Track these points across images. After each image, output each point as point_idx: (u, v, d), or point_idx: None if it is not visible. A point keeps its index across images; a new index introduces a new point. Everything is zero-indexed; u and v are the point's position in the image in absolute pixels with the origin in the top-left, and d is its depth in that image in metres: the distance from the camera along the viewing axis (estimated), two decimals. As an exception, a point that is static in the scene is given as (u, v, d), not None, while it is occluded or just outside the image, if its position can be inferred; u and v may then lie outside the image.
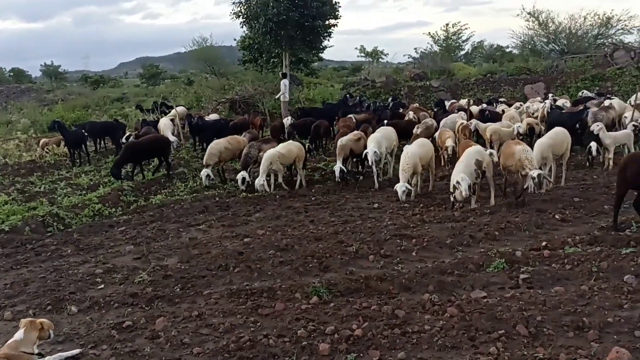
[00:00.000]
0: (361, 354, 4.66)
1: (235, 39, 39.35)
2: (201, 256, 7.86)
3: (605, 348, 4.42)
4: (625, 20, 33.26)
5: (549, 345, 4.62)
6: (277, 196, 12.00)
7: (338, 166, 12.36)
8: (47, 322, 4.99)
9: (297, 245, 8.05)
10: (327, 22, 29.49)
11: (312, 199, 11.53)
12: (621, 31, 33.66)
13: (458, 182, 9.19)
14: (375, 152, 12.00)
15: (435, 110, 20.18)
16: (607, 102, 16.41)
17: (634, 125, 13.84)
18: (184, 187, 13.60)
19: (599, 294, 5.57)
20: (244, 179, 12.65)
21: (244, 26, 29.43)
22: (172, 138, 17.68)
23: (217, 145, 13.89)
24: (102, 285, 6.95)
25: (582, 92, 22.25)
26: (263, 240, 8.49)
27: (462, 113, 16.15)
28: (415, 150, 11.02)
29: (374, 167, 12.18)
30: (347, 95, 25.67)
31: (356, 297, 6.00)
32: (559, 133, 11.42)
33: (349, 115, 17.92)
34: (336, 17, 29.53)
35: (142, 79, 61.15)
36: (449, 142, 13.10)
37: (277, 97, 24.87)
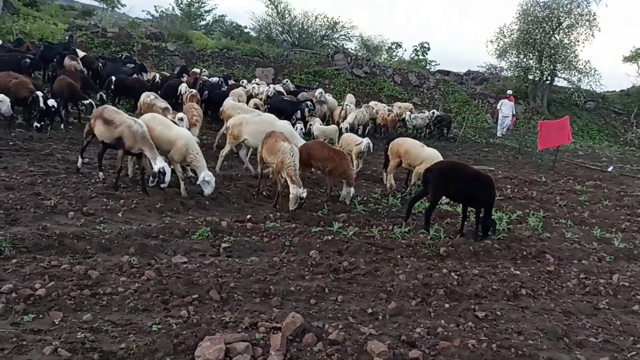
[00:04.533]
0: (41, 315, 4.27)
1: None
2: None
3: (284, 313, 4.89)
4: (348, 28, 37.38)
5: (237, 310, 4.93)
6: (-35, 135, 10.23)
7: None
8: None
9: (-19, 193, 7.01)
10: (58, -49, 26.26)
11: (10, 143, 10.04)
12: (343, 37, 37.76)
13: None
14: None
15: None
16: (317, 92, 18.16)
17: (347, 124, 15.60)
18: None
19: (287, 265, 6.16)
20: None
21: None
22: None
23: None
24: None
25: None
26: (-64, 184, 7.17)
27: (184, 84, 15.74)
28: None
29: None
30: (69, 38, 23.10)
31: (45, 254, 5.49)
32: (266, 120, 10.56)
33: (72, 58, 16.38)
34: (71, -50, 26.51)
35: None
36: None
37: None
